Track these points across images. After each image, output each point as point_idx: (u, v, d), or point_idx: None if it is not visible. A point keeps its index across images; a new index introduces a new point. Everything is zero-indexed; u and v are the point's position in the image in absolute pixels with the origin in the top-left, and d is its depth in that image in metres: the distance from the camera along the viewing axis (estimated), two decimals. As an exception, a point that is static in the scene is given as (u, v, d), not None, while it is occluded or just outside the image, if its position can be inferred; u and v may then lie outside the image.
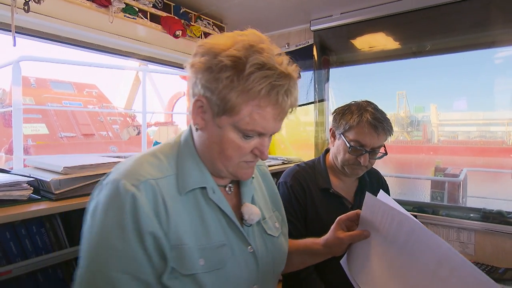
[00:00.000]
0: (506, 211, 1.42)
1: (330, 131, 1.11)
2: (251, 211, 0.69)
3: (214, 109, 0.59)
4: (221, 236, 0.64)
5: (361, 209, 0.85)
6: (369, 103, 1.08)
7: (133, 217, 0.54)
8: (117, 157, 1.03)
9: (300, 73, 1.89)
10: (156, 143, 1.72)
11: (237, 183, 0.74)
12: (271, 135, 0.64)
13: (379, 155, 1.06)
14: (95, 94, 7.21)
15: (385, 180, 1.26)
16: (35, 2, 1.04)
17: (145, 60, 1.65)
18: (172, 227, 0.58)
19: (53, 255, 0.86)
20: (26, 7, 1.03)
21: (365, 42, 1.87)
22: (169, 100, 6.11)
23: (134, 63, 5.56)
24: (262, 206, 0.76)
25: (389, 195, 1.28)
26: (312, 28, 1.80)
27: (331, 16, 1.74)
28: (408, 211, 1.60)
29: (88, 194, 0.93)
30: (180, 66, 1.79)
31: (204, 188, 0.64)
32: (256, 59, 0.56)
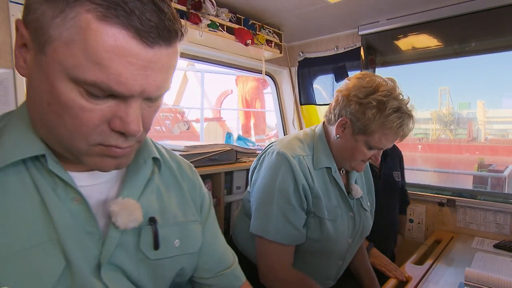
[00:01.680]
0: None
1: None
2: (357, 190, 1.04)
3: (355, 129, 0.91)
4: (335, 201, 0.98)
5: (386, 174, 1.22)
6: None
7: (292, 173, 0.89)
8: (201, 145, 1.34)
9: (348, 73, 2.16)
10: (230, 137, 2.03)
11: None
12: None
13: None
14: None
15: (400, 151, 1.64)
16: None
17: (221, 65, 1.97)
18: (315, 186, 0.92)
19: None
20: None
21: (409, 44, 2.05)
22: (218, 97, 6.58)
23: (183, 63, 6.07)
24: (361, 188, 1.08)
25: (403, 163, 1.64)
26: (360, 33, 2.01)
27: (377, 22, 1.94)
28: (446, 195, 1.81)
29: (200, 166, 1.27)
30: (247, 69, 2.11)
31: (329, 168, 0.97)
32: (393, 104, 0.86)
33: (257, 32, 1.87)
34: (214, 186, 1.27)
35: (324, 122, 1.01)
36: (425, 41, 1.99)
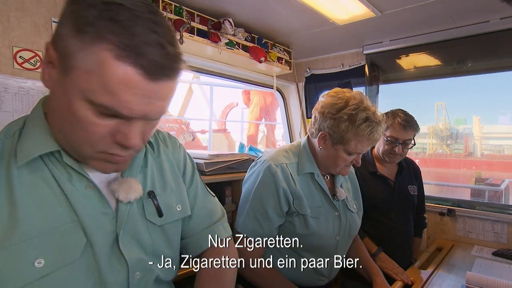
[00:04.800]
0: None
1: None
2: (341, 192, 1.15)
3: (334, 140, 1.03)
4: (319, 202, 1.09)
5: (401, 187, 1.30)
6: (400, 109, 1.50)
7: (274, 179, 1.00)
8: (223, 154, 1.45)
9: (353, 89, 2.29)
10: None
11: (332, 174, 1.17)
12: None
13: (409, 146, 1.48)
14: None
15: (418, 168, 1.68)
16: (180, 43, 1.52)
17: (234, 79, 2.10)
18: (297, 188, 1.03)
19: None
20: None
21: (410, 63, 2.19)
22: (223, 109, 6.73)
23: (188, 75, 6.23)
24: (346, 192, 1.18)
25: (421, 179, 1.67)
26: (364, 52, 2.15)
27: (381, 42, 2.08)
28: (447, 206, 1.90)
29: (221, 173, 1.37)
30: (257, 84, 2.23)
31: (312, 173, 1.08)
32: (362, 116, 0.99)
33: (269, 50, 2.00)
34: (234, 192, 1.36)
35: (308, 136, 1.15)
36: (425, 60, 2.13)
